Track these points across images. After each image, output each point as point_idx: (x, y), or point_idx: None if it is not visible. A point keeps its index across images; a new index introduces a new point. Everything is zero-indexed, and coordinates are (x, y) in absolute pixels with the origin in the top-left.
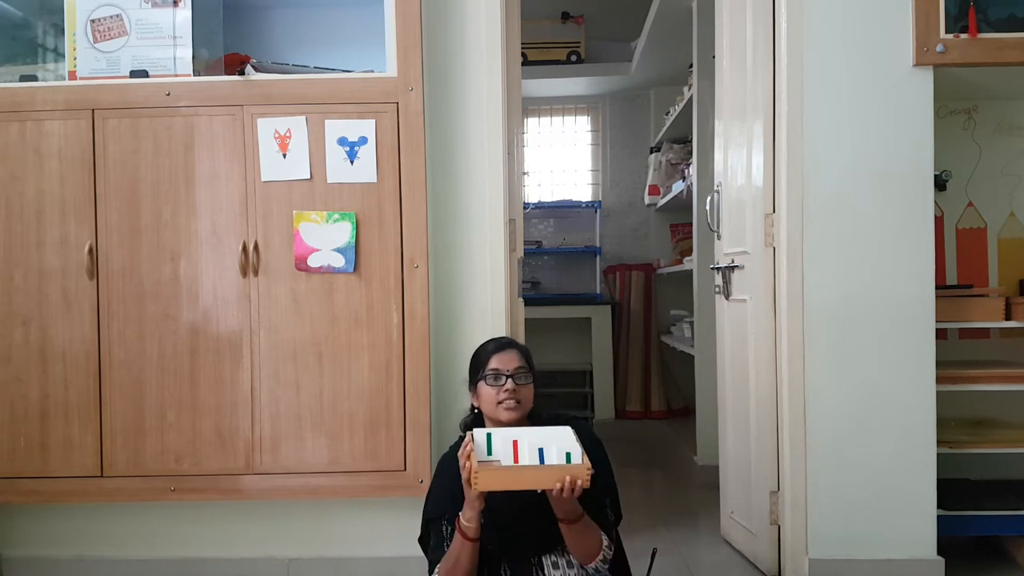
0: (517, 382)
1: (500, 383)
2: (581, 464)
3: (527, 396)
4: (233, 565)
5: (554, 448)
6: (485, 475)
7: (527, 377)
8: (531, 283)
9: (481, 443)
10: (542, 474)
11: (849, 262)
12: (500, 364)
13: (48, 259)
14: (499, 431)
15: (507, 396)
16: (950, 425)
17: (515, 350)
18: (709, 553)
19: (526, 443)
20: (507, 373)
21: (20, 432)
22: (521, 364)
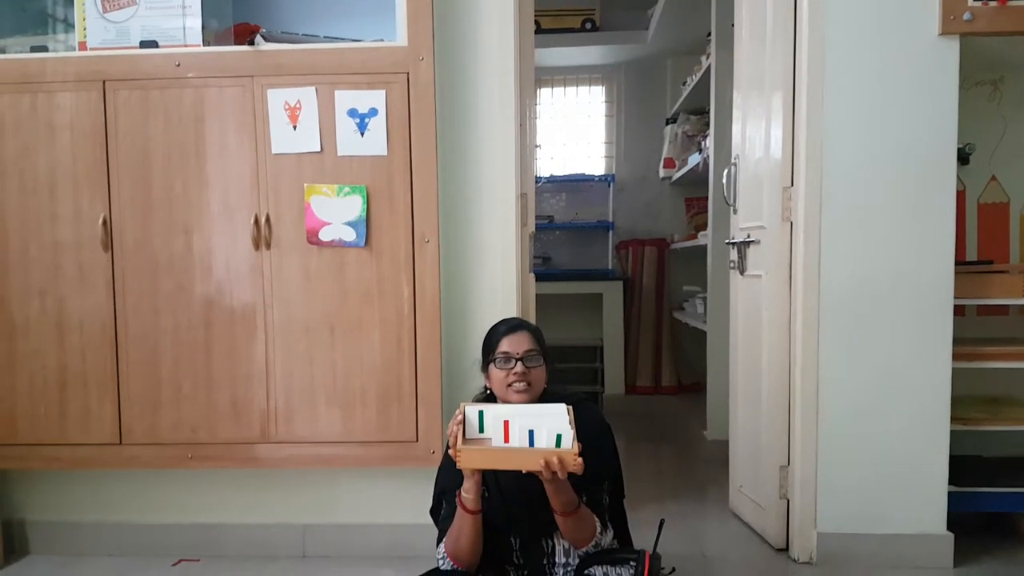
0: (527, 364)
1: (510, 366)
2: (569, 449)
3: (538, 378)
4: (249, 530)
5: (544, 431)
6: (467, 453)
7: (537, 359)
8: (542, 259)
9: (473, 420)
10: (526, 456)
11: (867, 237)
12: (510, 347)
13: (63, 232)
14: (491, 408)
15: (516, 378)
16: (965, 402)
17: (526, 332)
18: (717, 525)
19: (517, 424)
20: (517, 356)
21: (40, 401)
22: (532, 347)
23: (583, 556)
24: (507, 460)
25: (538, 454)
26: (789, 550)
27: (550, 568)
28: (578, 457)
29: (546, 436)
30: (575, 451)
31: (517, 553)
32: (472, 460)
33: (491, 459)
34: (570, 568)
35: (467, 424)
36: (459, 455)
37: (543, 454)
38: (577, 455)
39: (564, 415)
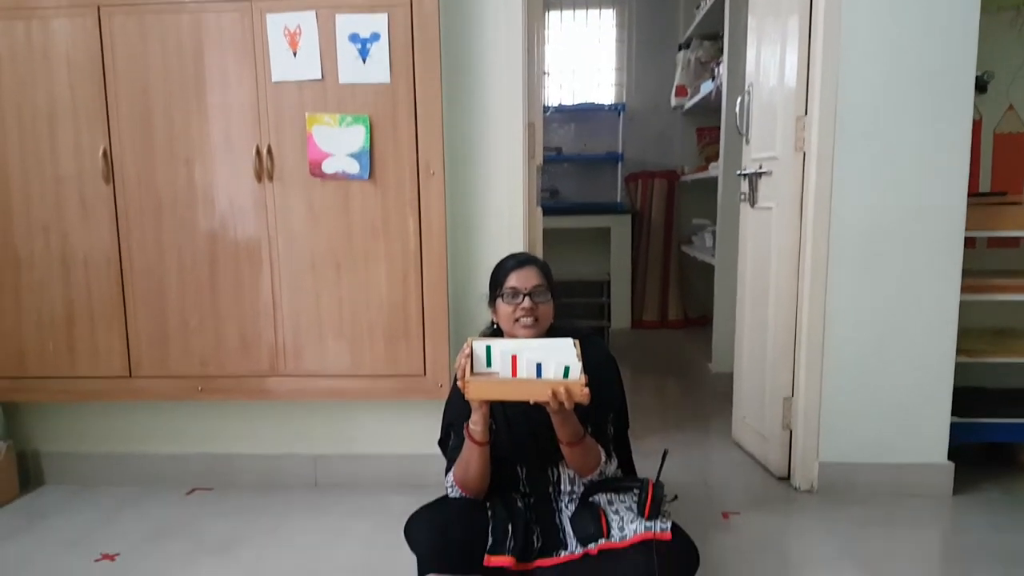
0: (535, 300)
1: (517, 301)
2: (577, 380)
3: (545, 313)
4: (261, 461)
5: (552, 364)
6: (475, 384)
7: (545, 295)
8: (550, 192)
9: (480, 355)
10: (534, 387)
11: (880, 168)
12: (518, 282)
13: (63, 165)
14: (499, 343)
15: (524, 313)
16: (970, 334)
17: (534, 267)
18: (719, 455)
19: (525, 358)
20: (525, 291)
21: (48, 336)
22: (540, 282)
23: (588, 484)
24: (515, 391)
25: (545, 385)
26: (790, 479)
27: (555, 496)
28: (585, 388)
29: (553, 368)
30: (582, 382)
31: (523, 482)
32: (480, 391)
33: (499, 390)
34: (575, 496)
35: (475, 359)
36: (467, 386)
37: (550, 384)
38: (584, 386)
39: (571, 348)
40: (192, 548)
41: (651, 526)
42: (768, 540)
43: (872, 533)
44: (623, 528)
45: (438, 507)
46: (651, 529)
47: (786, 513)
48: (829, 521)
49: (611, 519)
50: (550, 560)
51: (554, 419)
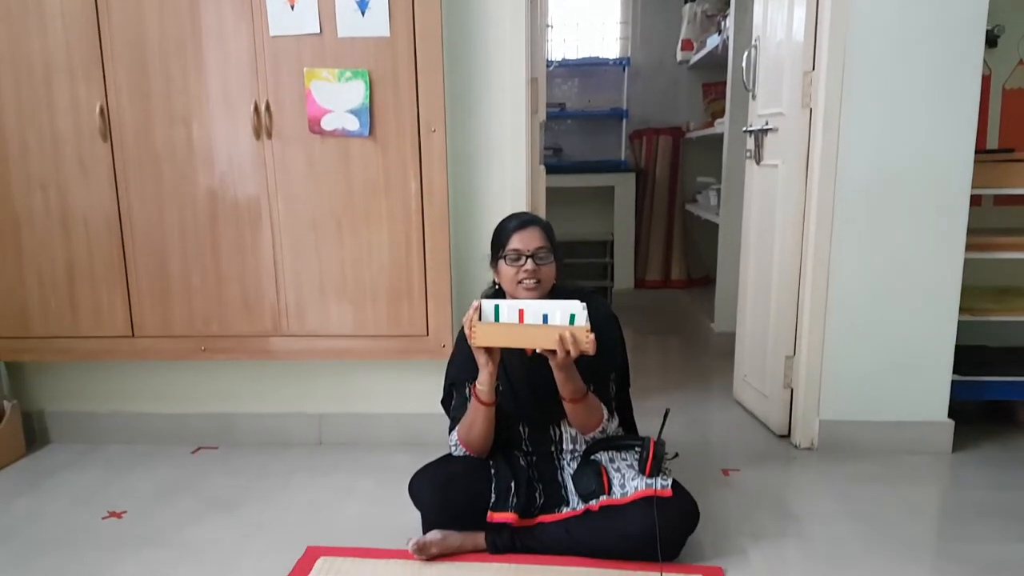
0: (537, 262)
1: (520, 263)
2: (583, 326)
3: (548, 275)
4: (266, 419)
5: (559, 314)
6: (483, 329)
7: (548, 257)
8: (553, 150)
9: (489, 313)
10: (541, 333)
11: (888, 125)
12: (520, 244)
13: (60, 122)
14: (506, 303)
15: (527, 275)
16: (974, 293)
17: (537, 228)
18: (720, 413)
19: (532, 310)
20: (527, 253)
21: (50, 295)
22: (542, 244)
23: (589, 442)
24: (522, 337)
25: (552, 330)
26: (791, 436)
27: (558, 454)
28: (590, 334)
29: (560, 317)
30: (587, 328)
31: (526, 440)
32: (487, 337)
33: (506, 336)
34: (577, 454)
35: (482, 317)
36: (474, 332)
37: (557, 330)
38: (589, 331)
39: (577, 304)
40: (199, 506)
41: (652, 483)
42: (767, 496)
43: (871, 489)
44: (624, 485)
45: (442, 465)
46: (652, 486)
47: (786, 470)
48: (828, 478)
49: (612, 476)
50: (552, 516)
51: (557, 377)
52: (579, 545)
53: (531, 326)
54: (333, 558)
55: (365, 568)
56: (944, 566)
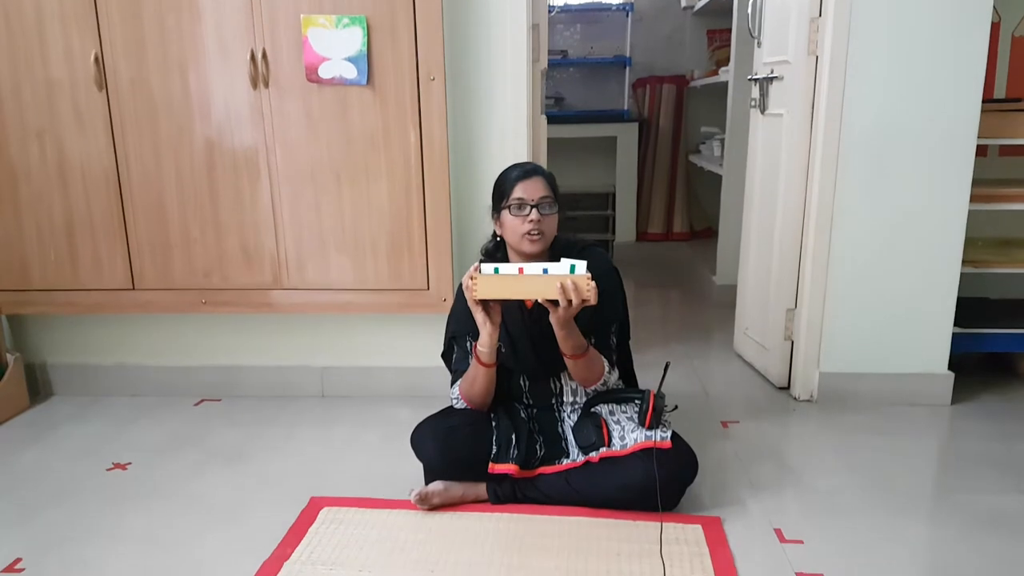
0: (542, 212)
1: (524, 213)
2: (583, 275)
3: (551, 226)
4: (269, 372)
5: (559, 267)
6: (484, 281)
7: (552, 207)
8: (554, 99)
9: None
10: (542, 282)
11: (894, 73)
12: (525, 193)
13: (55, 71)
14: (506, 267)
15: (532, 226)
16: (977, 244)
17: (541, 177)
18: (720, 365)
19: (532, 269)
20: (532, 203)
21: (49, 247)
22: (546, 193)
23: (590, 395)
24: (522, 288)
25: (553, 279)
26: (790, 388)
27: (558, 406)
28: (591, 281)
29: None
30: (588, 276)
31: (527, 393)
32: (488, 289)
33: (506, 287)
34: (577, 406)
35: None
36: (475, 284)
37: (558, 279)
38: (591, 279)
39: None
40: (203, 457)
41: (651, 435)
42: (766, 448)
43: (870, 441)
44: (624, 437)
45: (443, 418)
46: (651, 438)
47: (785, 422)
48: (827, 429)
49: (612, 429)
50: (553, 468)
51: (558, 334)
52: (579, 495)
53: (532, 276)
54: (336, 508)
55: (368, 518)
56: (942, 517)
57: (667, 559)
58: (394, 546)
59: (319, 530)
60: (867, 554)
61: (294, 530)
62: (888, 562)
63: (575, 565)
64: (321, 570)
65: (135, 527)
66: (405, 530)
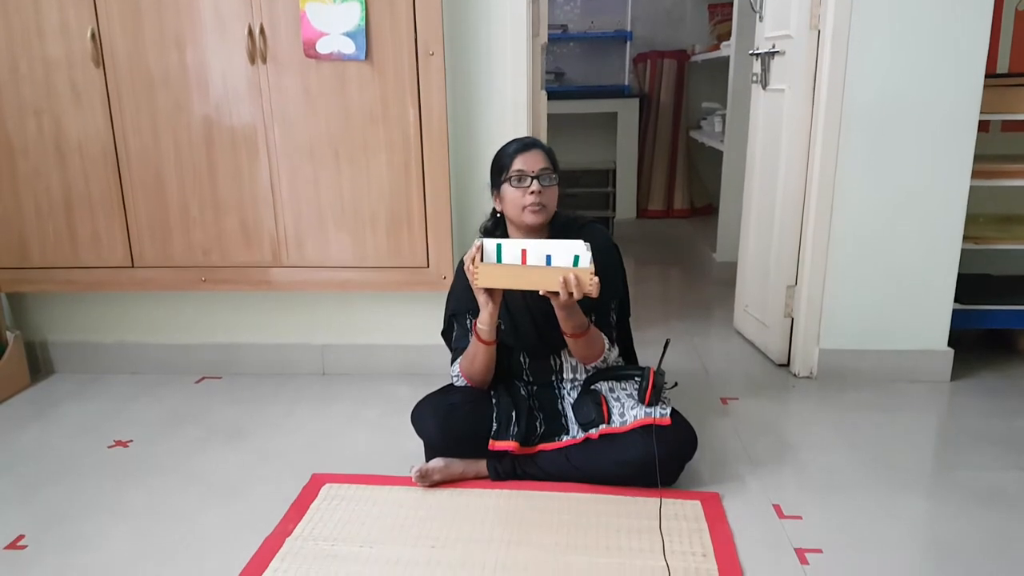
0: (542, 183)
1: (525, 185)
2: (586, 268)
3: (552, 198)
4: (269, 350)
5: (562, 255)
6: (486, 270)
7: (552, 178)
8: (555, 74)
9: (491, 253)
10: (544, 274)
11: (896, 47)
12: (525, 165)
13: (51, 48)
14: (509, 242)
15: (533, 199)
16: (979, 220)
17: (540, 150)
18: (720, 342)
19: (535, 251)
20: (532, 174)
21: (48, 224)
22: (546, 165)
23: (590, 372)
24: (525, 279)
25: (556, 272)
26: (790, 365)
27: (558, 383)
28: (594, 276)
29: (563, 260)
30: (591, 270)
31: (527, 370)
32: (490, 278)
33: (508, 278)
34: (577, 383)
35: (485, 256)
36: (477, 273)
37: (560, 272)
38: (593, 274)
39: (582, 244)
40: (204, 434)
41: (651, 412)
42: (766, 424)
43: (869, 417)
44: (624, 414)
45: (443, 395)
46: (651, 415)
47: (784, 398)
48: (827, 406)
49: (612, 406)
50: (552, 444)
51: (559, 313)
52: (579, 472)
53: (534, 267)
54: (338, 485)
55: (369, 495)
56: (941, 493)
57: (666, 534)
58: (395, 522)
59: (320, 506)
60: (866, 530)
61: (296, 506)
62: (887, 538)
63: (575, 541)
64: (323, 546)
65: (136, 503)
66: (406, 506)
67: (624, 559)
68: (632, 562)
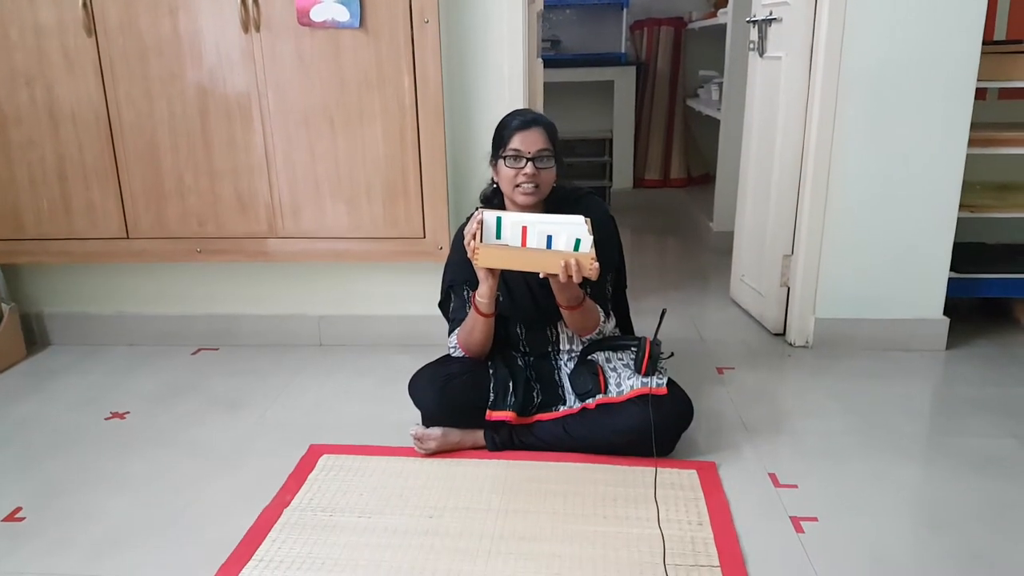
0: (538, 165)
1: (520, 166)
2: (587, 253)
3: (547, 180)
4: (266, 321)
5: (564, 236)
6: (486, 251)
7: (549, 160)
8: (551, 42)
9: (491, 226)
10: (545, 257)
11: (893, 14)
12: (522, 145)
13: (42, 15)
14: (509, 215)
15: (526, 179)
16: (975, 189)
17: (541, 128)
18: (716, 312)
19: (536, 230)
20: (528, 155)
21: (42, 195)
22: (545, 146)
23: (587, 343)
24: (525, 261)
25: (556, 256)
26: (786, 334)
27: (555, 354)
28: (594, 262)
29: (564, 241)
30: (592, 255)
31: (523, 341)
32: (490, 259)
33: (509, 259)
34: (574, 354)
35: (485, 228)
36: (477, 254)
37: (561, 256)
38: (594, 259)
39: (583, 224)
40: (201, 406)
41: (647, 382)
42: (761, 393)
43: (864, 385)
44: (620, 384)
45: (441, 365)
46: (647, 385)
47: (780, 367)
48: (822, 375)
49: (609, 376)
50: (549, 415)
51: (554, 285)
52: (575, 441)
53: (535, 250)
54: (336, 455)
55: (367, 465)
56: (937, 459)
57: (663, 503)
58: (393, 492)
59: (318, 477)
60: (861, 498)
61: (294, 477)
62: (882, 506)
63: (572, 510)
64: (321, 516)
65: (134, 475)
66: (404, 476)
67: (621, 528)
68: (629, 531)
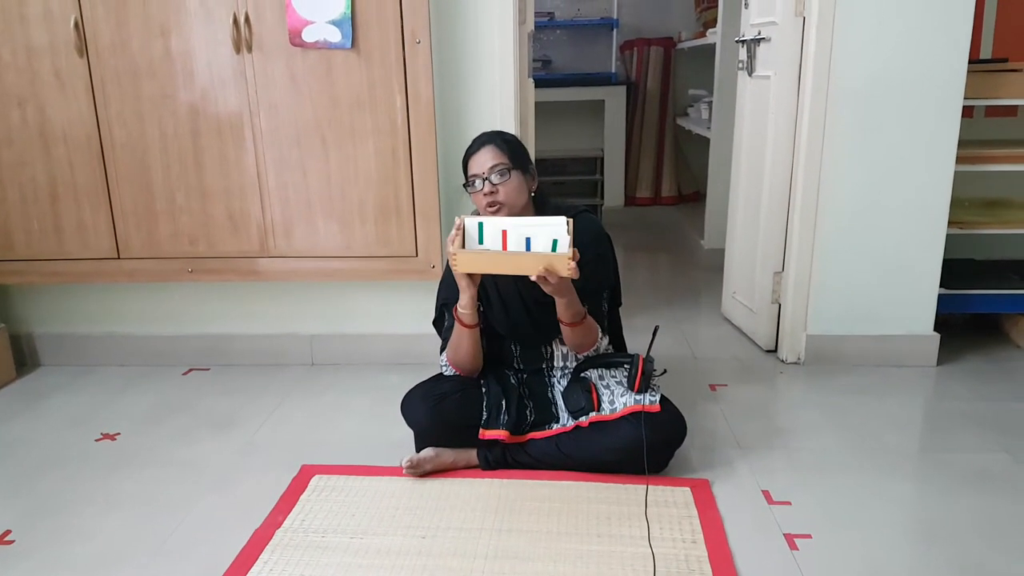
0: (493, 182)
1: (478, 188)
2: (564, 253)
3: (510, 192)
4: (257, 341)
5: (542, 238)
6: (464, 256)
7: (504, 174)
8: (542, 61)
9: (472, 231)
10: (522, 260)
11: (881, 33)
12: (474, 167)
13: (34, 35)
14: (491, 220)
15: (487, 199)
16: (963, 205)
17: (491, 146)
18: (709, 329)
19: (515, 233)
20: (483, 175)
21: (33, 215)
22: (497, 161)
23: (580, 360)
24: (503, 264)
25: (533, 258)
26: (778, 351)
27: (548, 371)
28: (571, 262)
29: (543, 243)
30: (569, 255)
31: (517, 358)
32: (468, 264)
33: (487, 263)
34: (567, 371)
35: (466, 235)
36: (455, 259)
37: (538, 260)
38: (571, 259)
39: (563, 225)
40: (192, 426)
41: (640, 399)
42: (754, 410)
43: (856, 401)
44: (613, 402)
45: (433, 384)
46: (640, 402)
47: (772, 384)
48: (815, 391)
49: (602, 393)
50: (543, 433)
51: (558, 302)
52: (569, 459)
53: (512, 253)
54: (328, 476)
55: (359, 485)
56: (929, 475)
57: (656, 521)
58: (385, 512)
59: (311, 497)
60: (854, 515)
61: (285, 498)
62: (875, 522)
63: (565, 528)
64: (313, 537)
65: (125, 496)
66: (397, 497)
67: (615, 546)
68: (624, 549)
